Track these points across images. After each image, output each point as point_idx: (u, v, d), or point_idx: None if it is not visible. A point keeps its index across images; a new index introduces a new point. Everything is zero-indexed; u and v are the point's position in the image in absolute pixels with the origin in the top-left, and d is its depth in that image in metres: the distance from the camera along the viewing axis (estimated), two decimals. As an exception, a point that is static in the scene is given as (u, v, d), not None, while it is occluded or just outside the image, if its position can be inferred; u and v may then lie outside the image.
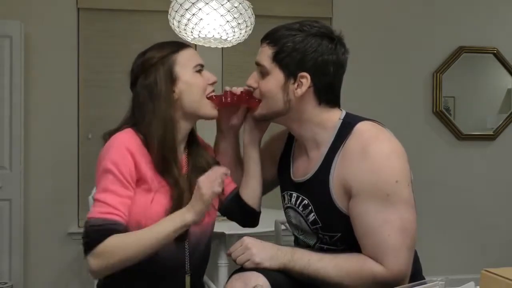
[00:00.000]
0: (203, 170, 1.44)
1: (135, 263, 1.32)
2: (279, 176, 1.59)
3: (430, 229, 3.76)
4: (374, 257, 1.27)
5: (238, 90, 1.48)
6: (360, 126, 1.36)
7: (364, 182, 1.28)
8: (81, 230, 1.36)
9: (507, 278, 0.91)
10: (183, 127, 1.47)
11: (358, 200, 1.30)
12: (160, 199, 1.40)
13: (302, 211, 1.43)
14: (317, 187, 1.37)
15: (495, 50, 4.04)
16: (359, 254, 1.30)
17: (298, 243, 1.57)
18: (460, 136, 4.01)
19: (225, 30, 2.55)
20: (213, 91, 1.49)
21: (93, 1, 3.59)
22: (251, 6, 2.62)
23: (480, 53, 4.03)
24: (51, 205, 3.48)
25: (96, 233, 1.30)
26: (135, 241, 1.32)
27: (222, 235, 2.56)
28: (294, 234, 1.59)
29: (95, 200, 1.35)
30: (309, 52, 1.35)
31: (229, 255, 1.39)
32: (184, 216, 1.33)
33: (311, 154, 1.43)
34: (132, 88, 1.48)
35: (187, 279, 1.47)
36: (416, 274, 1.46)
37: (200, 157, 1.52)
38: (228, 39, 2.63)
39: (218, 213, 1.62)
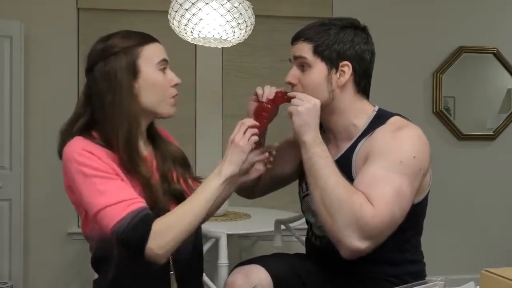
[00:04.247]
0: (173, 159, 1.44)
1: (190, 233, 1.30)
2: (300, 167, 1.61)
3: (430, 229, 3.74)
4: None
5: (272, 93, 1.49)
6: (395, 118, 1.45)
7: (384, 146, 1.36)
8: (81, 230, 1.34)
9: (507, 278, 0.91)
10: (143, 124, 1.40)
11: (371, 160, 1.36)
12: None
13: None
14: (340, 168, 1.40)
15: (495, 50, 4.03)
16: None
17: (312, 232, 1.59)
18: (460, 136, 4.01)
19: (225, 30, 2.55)
20: (177, 94, 1.41)
21: (93, 1, 3.58)
22: (251, 6, 2.62)
23: (480, 53, 4.02)
24: (51, 205, 3.48)
25: (138, 227, 1.22)
26: (182, 214, 1.28)
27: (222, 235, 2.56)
28: (309, 222, 1.62)
29: (102, 209, 1.24)
30: (347, 42, 1.43)
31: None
32: (221, 172, 1.32)
33: (341, 144, 1.49)
34: (88, 73, 1.37)
35: (172, 278, 1.40)
36: (419, 273, 1.46)
37: (166, 145, 1.47)
38: (228, 39, 2.63)
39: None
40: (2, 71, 3.30)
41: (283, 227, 2.70)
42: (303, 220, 2.76)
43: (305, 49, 1.44)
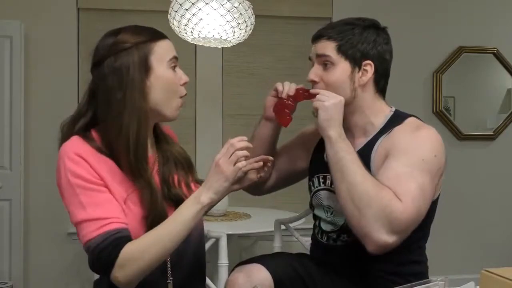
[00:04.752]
0: (175, 161, 1.40)
1: (162, 261, 1.25)
2: (311, 163, 1.63)
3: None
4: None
5: (292, 89, 1.52)
6: (411, 119, 1.49)
7: (405, 145, 1.39)
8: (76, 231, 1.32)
9: (507, 278, 0.91)
10: (150, 124, 1.34)
11: (392, 157, 1.38)
12: (131, 207, 1.27)
13: None
14: None
15: (495, 50, 4.03)
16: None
17: (319, 228, 1.58)
18: (460, 136, 4.01)
19: (225, 30, 2.55)
20: (186, 94, 1.37)
21: (93, 1, 3.59)
22: (251, 6, 2.62)
23: (480, 53, 4.02)
24: (51, 205, 3.46)
25: (105, 250, 1.19)
26: (153, 241, 1.22)
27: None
28: (317, 218, 1.61)
29: (79, 223, 1.22)
30: (370, 42, 1.46)
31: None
32: (199, 199, 1.23)
33: (356, 140, 1.50)
34: (94, 69, 1.31)
35: (169, 286, 1.36)
36: (422, 274, 1.47)
37: (169, 146, 1.42)
38: (228, 39, 2.63)
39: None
40: (2, 71, 3.31)
41: (283, 227, 2.69)
42: (303, 220, 2.76)
43: (328, 48, 1.46)
